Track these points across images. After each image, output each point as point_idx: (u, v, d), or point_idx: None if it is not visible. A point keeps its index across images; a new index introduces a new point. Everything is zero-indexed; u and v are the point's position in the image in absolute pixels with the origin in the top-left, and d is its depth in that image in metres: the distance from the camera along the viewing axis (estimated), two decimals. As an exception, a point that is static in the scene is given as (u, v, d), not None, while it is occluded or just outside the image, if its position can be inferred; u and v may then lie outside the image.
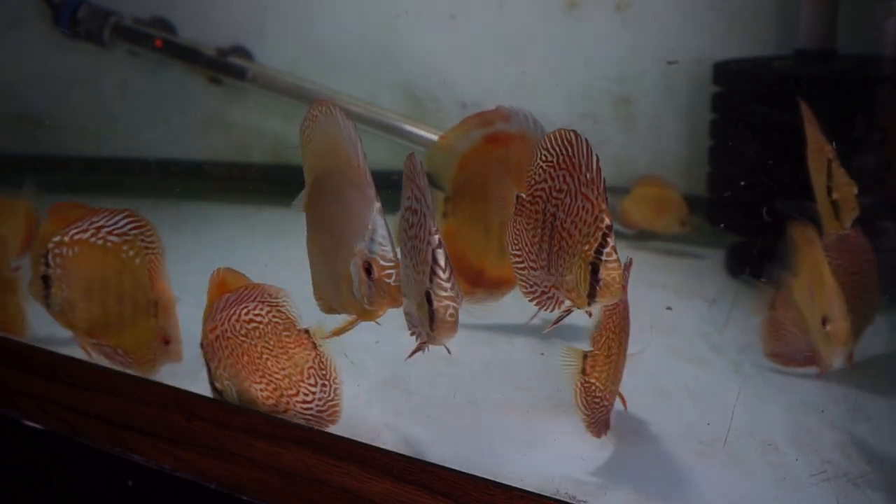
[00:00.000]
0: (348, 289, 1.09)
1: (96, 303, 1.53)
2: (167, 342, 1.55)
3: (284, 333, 1.31)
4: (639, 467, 1.31)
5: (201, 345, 1.35)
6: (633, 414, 1.49)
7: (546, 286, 1.21)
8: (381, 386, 1.59)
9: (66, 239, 1.49)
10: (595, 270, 1.08)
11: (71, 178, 3.12)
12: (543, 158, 1.16)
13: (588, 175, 1.10)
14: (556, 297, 1.20)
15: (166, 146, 3.04)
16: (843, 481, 1.25)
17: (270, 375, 1.33)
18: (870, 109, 1.91)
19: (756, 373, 1.62)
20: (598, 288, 1.09)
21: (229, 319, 1.31)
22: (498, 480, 1.22)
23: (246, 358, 1.32)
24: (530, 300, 1.25)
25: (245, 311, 1.31)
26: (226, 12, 2.93)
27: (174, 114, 3.05)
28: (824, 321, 1.39)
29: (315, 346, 1.32)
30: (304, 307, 1.35)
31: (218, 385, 1.38)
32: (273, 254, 2.24)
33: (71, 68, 3.08)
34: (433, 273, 1.02)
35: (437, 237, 1.02)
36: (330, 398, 1.34)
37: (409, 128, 2.61)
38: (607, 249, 1.08)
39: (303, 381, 1.33)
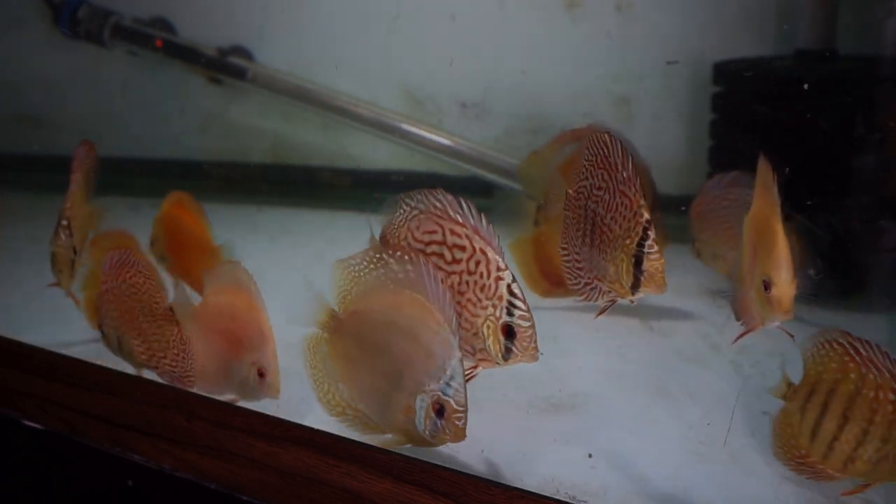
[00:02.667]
0: (408, 418, 1.17)
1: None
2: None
3: (155, 305, 1.51)
4: (639, 467, 1.31)
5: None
6: (634, 414, 1.49)
7: (589, 277, 1.27)
8: (381, 386, 1.59)
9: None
10: (639, 262, 1.16)
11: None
12: (585, 158, 1.24)
13: (624, 174, 1.17)
14: (598, 288, 1.26)
15: (166, 146, 3.04)
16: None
17: (145, 335, 1.52)
18: (870, 109, 1.91)
19: (756, 373, 1.62)
20: (642, 279, 1.16)
21: (115, 278, 1.52)
22: (498, 480, 1.22)
23: (128, 315, 1.52)
24: (575, 291, 1.31)
25: (129, 274, 1.51)
26: (226, 12, 2.93)
27: (174, 114, 3.05)
28: (766, 284, 1.21)
29: (177, 323, 1.49)
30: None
31: (104, 329, 1.58)
32: (273, 254, 2.24)
33: (71, 68, 3.08)
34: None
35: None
36: (188, 369, 1.50)
37: (408, 128, 2.61)
38: (649, 242, 1.15)
39: (169, 349, 1.50)
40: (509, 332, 1.17)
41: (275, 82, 2.78)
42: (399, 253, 1.18)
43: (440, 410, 1.14)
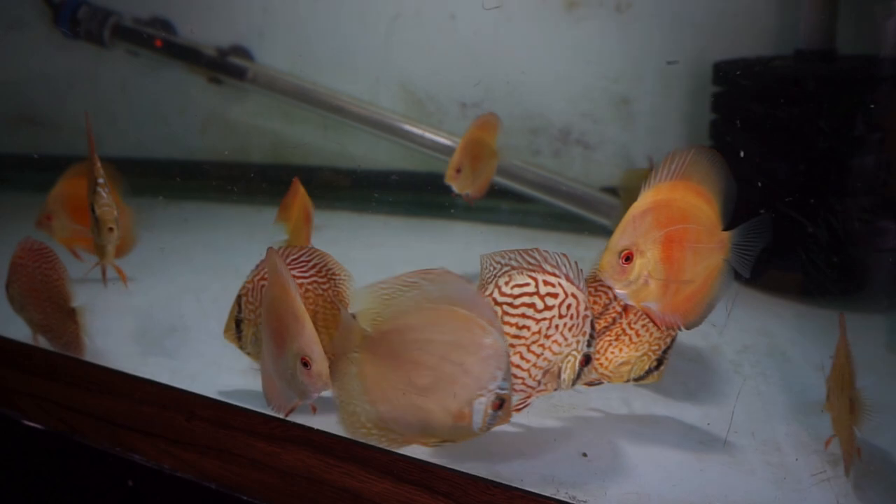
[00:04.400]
0: (460, 423, 1.20)
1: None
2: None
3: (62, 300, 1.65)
4: (639, 467, 1.31)
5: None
6: (634, 414, 1.49)
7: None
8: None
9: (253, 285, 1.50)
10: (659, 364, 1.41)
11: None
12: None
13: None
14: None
15: (166, 146, 3.04)
16: (843, 481, 1.25)
17: (50, 319, 1.67)
18: (870, 109, 1.91)
19: (756, 373, 1.62)
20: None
21: (26, 267, 1.66)
22: (498, 480, 1.22)
23: (35, 297, 1.66)
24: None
25: (39, 268, 1.65)
26: (226, 12, 2.93)
27: (174, 114, 3.05)
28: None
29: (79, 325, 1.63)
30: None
31: (12, 303, 1.70)
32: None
33: (71, 68, 3.08)
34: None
35: None
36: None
37: (408, 128, 2.61)
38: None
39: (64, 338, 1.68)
40: (587, 361, 1.29)
41: (275, 82, 2.78)
42: (431, 274, 1.22)
43: (500, 405, 1.19)
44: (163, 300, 2.03)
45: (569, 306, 1.27)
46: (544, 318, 1.27)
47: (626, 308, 1.39)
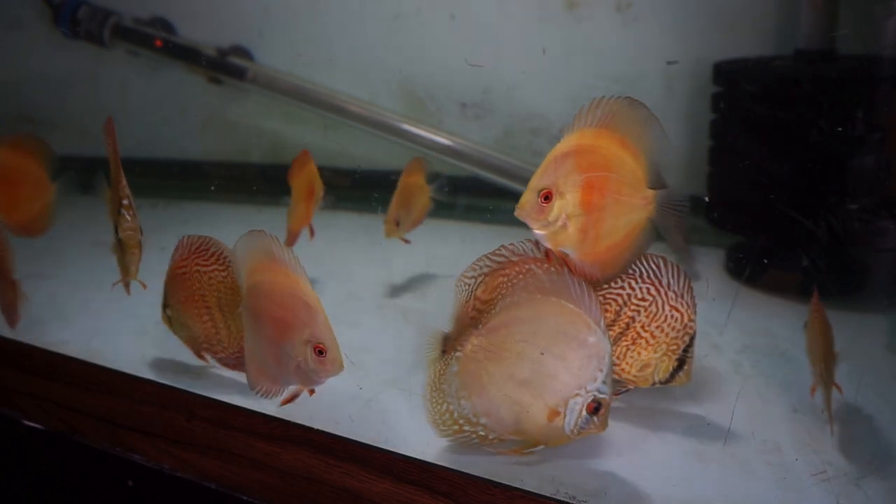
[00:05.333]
0: (551, 423, 1.21)
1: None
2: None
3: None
4: (639, 467, 1.31)
5: None
6: (634, 414, 1.49)
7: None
8: (381, 386, 1.59)
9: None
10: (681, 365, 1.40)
11: (71, 178, 3.12)
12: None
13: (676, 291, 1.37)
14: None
15: (166, 146, 3.04)
16: (843, 481, 1.25)
17: None
18: (870, 109, 1.91)
19: (756, 373, 1.62)
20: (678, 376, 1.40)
21: None
22: (498, 480, 1.22)
23: None
24: None
25: None
26: (226, 12, 2.93)
27: (174, 114, 3.05)
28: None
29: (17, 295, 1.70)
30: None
31: None
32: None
33: (71, 68, 3.08)
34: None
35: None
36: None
37: (408, 128, 2.61)
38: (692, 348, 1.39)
39: None
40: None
41: (275, 82, 2.78)
42: (538, 266, 1.24)
43: (597, 408, 1.19)
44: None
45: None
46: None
47: (547, 253, 1.30)
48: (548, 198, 1.24)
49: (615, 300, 1.40)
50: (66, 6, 2.94)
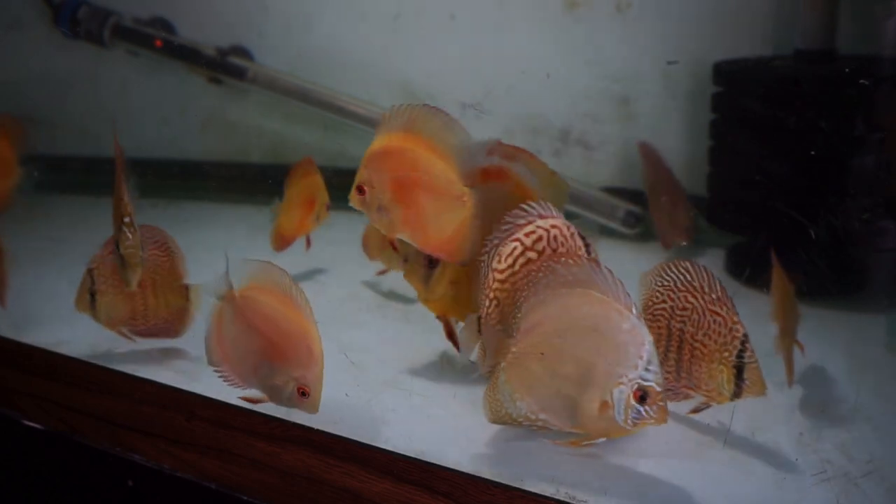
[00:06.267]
0: (604, 414, 1.18)
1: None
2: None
3: None
4: (639, 467, 1.31)
5: None
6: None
7: (676, 386, 1.37)
8: (381, 386, 1.59)
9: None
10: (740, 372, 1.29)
11: (71, 178, 3.13)
12: (659, 284, 1.36)
13: (713, 295, 1.31)
14: (683, 393, 1.36)
15: (166, 146, 3.04)
16: (843, 481, 1.25)
17: None
18: (870, 109, 1.91)
19: (756, 373, 1.62)
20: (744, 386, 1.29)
21: None
22: (498, 480, 1.22)
23: None
24: None
25: None
26: (226, 12, 2.93)
27: (174, 114, 3.05)
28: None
29: None
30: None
31: None
32: (272, 254, 2.24)
33: (71, 68, 3.08)
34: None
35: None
36: None
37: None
38: (748, 353, 1.28)
39: None
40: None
41: (275, 82, 2.78)
42: (563, 259, 1.23)
43: (643, 397, 1.15)
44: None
45: (554, 237, 1.32)
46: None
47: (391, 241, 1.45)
48: (361, 191, 1.41)
49: (662, 314, 1.36)
50: (66, 6, 2.94)
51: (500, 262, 1.33)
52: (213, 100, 2.95)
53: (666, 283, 1.36)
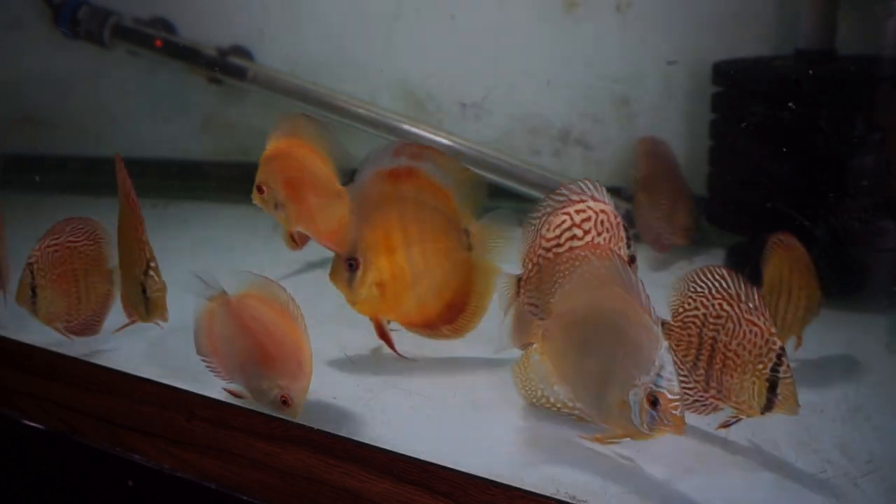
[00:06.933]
0: (624, 414, 1.19)
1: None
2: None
3: None
4: (639, 467, 1.31)
5: None
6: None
7: (705, 397, 1.34)
8: (381, 386, 1.59)
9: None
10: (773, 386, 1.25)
11: (71, 178, 3.13)
12: (692, 290, 1.32)
13: (751, 304, 1.26)
14: (712, 405, 1.34)
15: (166, 146, 3.04)
16: (843, 481, 1.25)
17: None
18: (870, 109, 1.91)
19: (756, 373, 1.62)
20: (776, 401, 1.25)
21: None
22: (498, 480, 1.22)
23: None
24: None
25: None
26: (226, 12, 2.93)
27: (174, 114, 3.05)
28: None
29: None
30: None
31: None
32: (273, 254, 2.24)
33: (71, 68, 3.08)
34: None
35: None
36: None
37: (408, 128, 2.61)
38: (783, 367, 1.24)
39: None
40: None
41: (275, 82, 2.78)
42: (590, 252, 1.24)
43: (654, 402, 1.15)
44: (163, 300, 2.03)
45: (601, 222, 1.36)
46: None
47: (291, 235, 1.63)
48: (260, 190, 1.58)
49: (693, 322, 1.33)
50: (66, 6, 2.94)
51: (549, 230, 1.37)
52: (213, 100, 2.95)
53: (699, 290, 1.31)
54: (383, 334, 1.66)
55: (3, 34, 3.15)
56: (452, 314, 1.63)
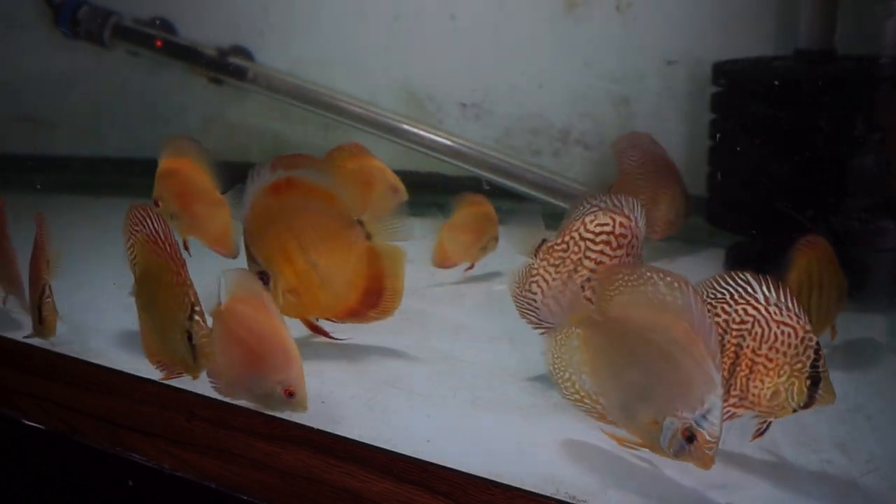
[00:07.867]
0: (653, 433, 1.20)
1: None
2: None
3: None
4: (639, 467, 1.31)
5: None
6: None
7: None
8: (381, 386, 1.59)
9: None
10: (815, 383, 1.24)
11: (71, 178, 3.13)
12: (712, 297, 1.29)
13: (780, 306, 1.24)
14: (731, 413, 1.31)
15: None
16: (843, 481, 1.25)
17: None
18: (870, 109, 1.91)
19: (756, 373, 1.62)
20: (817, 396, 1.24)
21: None
22: (498, 480, 1.22)
23: None
24: None
25: None
26: (226, 12, 2.93)
27: (174, 114, 3.05)
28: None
29: None
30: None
31: None
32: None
33: (71, 68, 3.08)
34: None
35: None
36: None
37: (408, 128, 2.61)
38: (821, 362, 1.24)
39: None
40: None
41: (275, 82, 2.78)
42: (669, 278, 1.21)
43: (690, 438, 1.16)
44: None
45: (632, 246, 1.46)
46: (617, 256, 1.45)
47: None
48: (157, 204, 1.82)
49: (719, 325, 1.29)
50: (66, 6, 2.94)
51: (593, 222, 1.45)
52: (213, 100, 2.95)
53: (719, 296, 1.27)
54: (314, 328, 1.73)
55: (3, 34, 3.15)
56: (374, 299, 1.68)
